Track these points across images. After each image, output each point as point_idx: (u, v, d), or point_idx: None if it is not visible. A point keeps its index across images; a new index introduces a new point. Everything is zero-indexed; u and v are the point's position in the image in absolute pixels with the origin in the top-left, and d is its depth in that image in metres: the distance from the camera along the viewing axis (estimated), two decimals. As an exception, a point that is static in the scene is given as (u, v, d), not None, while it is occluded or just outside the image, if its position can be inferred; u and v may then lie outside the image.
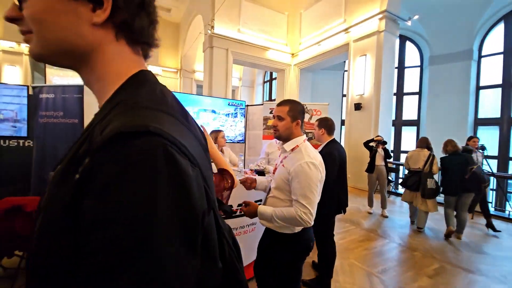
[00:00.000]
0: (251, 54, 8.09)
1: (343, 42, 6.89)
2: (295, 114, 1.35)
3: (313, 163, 1.25)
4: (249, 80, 12.47)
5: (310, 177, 1.23)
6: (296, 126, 1.36)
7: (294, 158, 1.30)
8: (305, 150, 1.31)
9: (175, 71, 11.50)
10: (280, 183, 1.34)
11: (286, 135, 1.37)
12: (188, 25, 9.57)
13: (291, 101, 1.40)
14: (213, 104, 3.74)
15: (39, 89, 2.72)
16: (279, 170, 1.39)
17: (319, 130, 2.20)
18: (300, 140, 1.36)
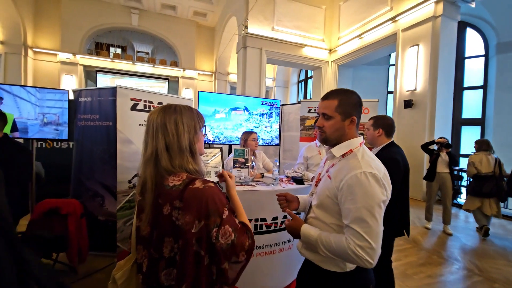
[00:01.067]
0: (285, 52, 7.77)
1: (390, 32, 6.17)
2: (348, 109, 1.00)
3: (374, 174, 0.89)
4: (283, 80, 12.13)
5: (371, 194, 0.87)
6: (350, 125, 1.01)
7: (346, 167, 0.95)
8: (363, 157, 0.96)
9: (210, 74, 11.70)
10: (324, 200, 1.00)
11: (335, 137, 1.03)
12: (223, 28, 9.63)
13: (342, 92, 1.04)
14: (245, 103, 3.51)
15: (78, 93, 2.78)
16: (323, 183, 1.05)
17: (375, 131, 1.79)
18: (355, 143, 1.01)
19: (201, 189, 0.75)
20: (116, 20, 10.14)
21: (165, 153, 0.81)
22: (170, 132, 0.81)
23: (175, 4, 9.91)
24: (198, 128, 0.88)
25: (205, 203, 0.74)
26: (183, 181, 0.77)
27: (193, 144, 0.85)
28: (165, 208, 0.76)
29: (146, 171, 0.82)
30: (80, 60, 9.69)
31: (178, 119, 0.83)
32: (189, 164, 0.82)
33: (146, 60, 10.94)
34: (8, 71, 8.40)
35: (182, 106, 0.88)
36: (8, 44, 8.36)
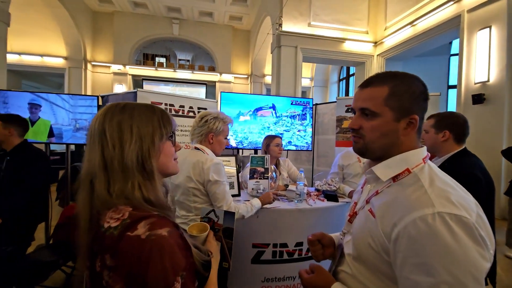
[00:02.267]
0: (323, 49, 7.21)
1: (451, 15, 5.19)
2: (406, 103, 0.62)
3: (462, 218, 0.50)
4: (322, 80, 11.44)
5: (460, 258, 0.48)
6: (408, 128, 0.63)
7: (401, 200, 0.57)
8: (432, 183, 0.57)
9: (246, 77, 11.68)
10: (365, 252, 0.63)
11: (380, 147, 0.65)
12: (258, 29, 9.49)
13: (395, 76, 0.65)
14: (272, 102, 3.15)
15: (106, 98, 2.83)
16: (363, 221, 0.67)
17: (438, 134, 1.31)
18: (414, 157, 0.62)
19: (142, 241, 0.47)
20: (160, 31, 10.82)
21: (101, 173, 0.54)
22: (110, 142, 0.55)
23: (212, 10, 10.14)
24: (159, 136, 0.60)
25: (144, 267, 0.45)
26: (122, 223, 0.50)
27: (147, 159, 0.56)
28: (97, 263, 0.50)
29: (79, 201, 0.56)
30: (129, 70, 10.57)
31: (124, 122, 0.56)
32: (135, 191, 0.54)
33: (186, 67, 11.43)
34: (72, 83, 9.57)
35: (138, 105, 0.61)
36: (71, 59, 9.52)
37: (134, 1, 9.68)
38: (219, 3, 9.57)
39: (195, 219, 1.30)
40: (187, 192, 1.32)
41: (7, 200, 1.61)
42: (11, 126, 1.73)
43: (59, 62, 9.47)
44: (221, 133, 1.42)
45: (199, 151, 1.35)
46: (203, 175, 1.28)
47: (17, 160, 1.73)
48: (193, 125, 1.42)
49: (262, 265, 1.50)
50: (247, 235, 1.46)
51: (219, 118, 1.40)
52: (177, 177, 1.35)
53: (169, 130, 0.63)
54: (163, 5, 9.83)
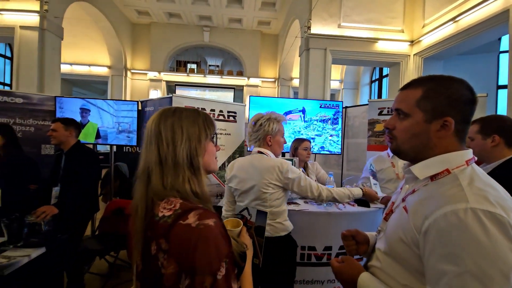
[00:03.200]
0: (354, 50, 7.00)
1: (498, 9, 4.73)
2: (439, 106, 0.61)
3: (496, 216, 0.48)
4: (352, 82, 11.07)
5: (489, 251, 0.47)
6: (441, 131, 0.62)
7: (436, 196, 0.57)
8: (471, 183, 0.55)
9: (273, 81, 11.75)
10: (396, 246, 0.63)
11: (411, 148, 0.65)
12: (286, 33, 9.52)
13: (433, 79, 0.65)
14: (302, 105, 3.12)
15: (144, 103, 3.06)
16: (397, 218, 0.67)
17: (487, 139, 1.21)
18: (456, 159, 0.61)
19: (192, 228, 0.53)
20: (192, 39, 11.39)
21: (157, 168, 0.62)
22: (164, 141, 0.63)
23: (240, 17, 10.42)
24: (204, 136, 0.67)
25: (192, 252, 0.51)
26: (174, 212, 0.57)
27: (195, 156, 0.64)
28: (152, 246, 0.57)
29: (137, 192, 0.64)
30: (163, 76, 11.27)
31: (176, 123, 0.65)
32: (185, 184, 0.61)
33: (215, 72, 11.86)
34: (114, 89, 10.46)
35: (185, 109, 0.69)
36: (113, 68, 10.42)
37: (169, 12, 10.32)
38: (248, 9, 9.80)
39: (270, 224, 1.29)
40: (263, 197, 1.31)
41: (67, 193, 1.83)
42: (71, 128, 1.96)
43: (103, 71, 10.43)
44: (278, 133, 1.42)
45: (263, 155, 1.36)
46: (281, 178, 1.29)
47: (74, 159, 1.96)
48: (248, 131, 1.45)
49: (290, 267, 1.51)
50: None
51: (272, 118, 1.41)
52: (246, 182, 1.35)
53: (212, 131, 0.70)
54: (195, 14, 10.34)
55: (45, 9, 6.26)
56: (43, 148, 2.99)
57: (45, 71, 6.42)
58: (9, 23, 6.17)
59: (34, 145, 2.90)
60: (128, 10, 10.13)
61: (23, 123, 2.85)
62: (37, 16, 6.20)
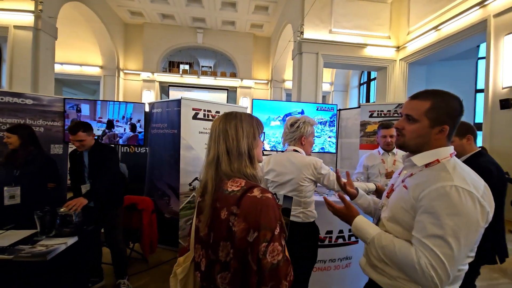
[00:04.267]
0: (344, 55, 7.35)
1: (477, 19, 5.17)
2: (441, 116, 0.85)
3: (471, 193, 0.74)
4: (342, 84, 11.48)
5: (462, 213, 0.72)
6: (439, 134, 0.86)
7: (430, 177, 0.81)
8: (454, 169, 0.80)
9: (266, 82, 11.99)
10: (398, 213, 0.87)
11: (415, 144, 0.89)
12: (278, 36, 9.78)
13: (438, 94, 0.88)
14: (302, 108, 3.37)
15: (152, 105, 3.21)
16: (398, 193, 0.92)
17: (463, 139, 1.52)
18: (443, 152, 0.86)
19: (258, 199, 0.74)
20: (185, 40, 11.45)
21: (225, 156, 0.83)
22: (230, 137, 0.84)
23: (234, 19, 10.60)
24: (257, 134, 0.89)
25: (258, 214, 0.72)
26: (242, 188, 0.78)
27: (251, 149, 0.86)
28: (222, 213, 0.77)
29: (207, 173, 0.85)
30: (156, 77, 11.27)
31: (238, 124, 0.86)
32: (247, 169, 0.83)
33: (209, 74, 11.97)
34: (106, 89, 10.38)
35: (243, 113, 0.91)
36: (106, 68, 10.35)
37: (162, 13, 10.37)
38: (241, 12, 10.01)
39: (303, 212, 1.53)
40: (299, 189, 1.52)
41: (93, 187, 1.97)
42: (91, 132, 2.08)
43: (95, 71, 10.33)
44: (310, 135, 1.62)
45: (299, 153, 1.57)
46: (315, 173, 1.51)
47: (97, 155, 2.07)
48: (284, 130, 1.64)
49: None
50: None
51: (306, 122, 1.60)
52: (284, 176, 1.55)
53: (261, 131, 0.93)
54: (189, 16, 10.44)
55: (39, 9, 6.23)
56: (52, 148, 3.08)
57: (39, 71, 6.38)
58: (2, 23, 6.09)
59: (44, 145, 2.97)
60: (121, 10, 10.10)
61: (33, 124, 2.94)
62: (32, 16, 6.16)
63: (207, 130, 2.98)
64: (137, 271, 2.51)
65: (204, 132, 2.94)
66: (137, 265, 2.63)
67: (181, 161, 2.77)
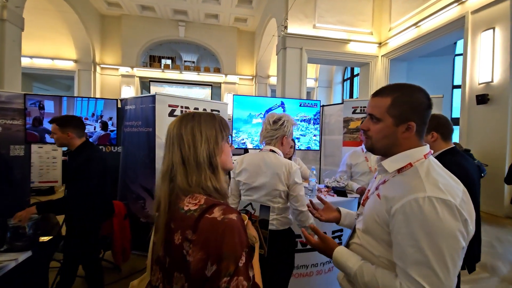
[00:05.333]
0: (328, 50, 7.33)
1: (455, 16, 5.27)
2: (404, 112, 0.76)
3: (446, 201, 0.64)
4: (326, 80, 11.53)
5: (441, 232, 0.63)
6: (406, 133, 0.77)
7: (402, 186, 0.73)
8: (428, 174, 0.72)
9: (250, 78, 11.82)
10: (372, 225, 0.79)
11: (383, 146, 0.81)
12: (263, 31, 9.62)
13: (399, 88, 0.79)
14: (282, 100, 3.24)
15: (125, 101, 2.99)
16: (372, 203, 0.83)
17: (427, 136, 1.44)
18: (416, 154, 0.77)
19: (219, 221, 0.60)
20: (166, 34, 11.03)
21: (181, 167, 0.69)
22: (186, 143, 0.70)
23: (217, 12, 10.31)
24: (220, 138, 0.75)
25: (219, 241, 0.58)
26: (200, 207, 0.63)
27: (213, 156, 0.71)
28: (176, 236, 0.63)
29: (161, 188, 0.70)
30: (136, 72, 10.80)
31: (196, 127, 0.72)
32: (208, 181, 0.69)
33: (192, 69, 11.62)
34: (82, 85, 9.81)
35: (203, 114, 0.77)
36: (80, 62, 9.77)
37: (142, 4, 9.89)
38: (224, 5, 9.74)
39: (277, 218, 1.36)
40: (273, 194, 1.36)
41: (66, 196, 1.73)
42: (68, 129, 1.76)
43: (69, 65, 9.72)
44: (290, 135, 1.51)
45: (276, 154, 1.43)
46: (290, 178, 1.36)
47: (76, 159, 1.79)
48: (265, 127, 1.47)
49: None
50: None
51: (289, 121, 1.48)
52: (257, 178, 1.40)
53: (227, 133, 0.78)
54: (170, 8, 10.03)
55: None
56: (12, 149, 2.80)
57: (4, 65, 5.87)
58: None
59: (3, 146, 2.70)
60: (97, 0, 9.53)
61: (-11, 123, 2.65)
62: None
63: (184, 128, 2.82)
64: (109, 282, 2.33)
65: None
66: (108, 274, 2.45)
67: (157, 161, 2.60)
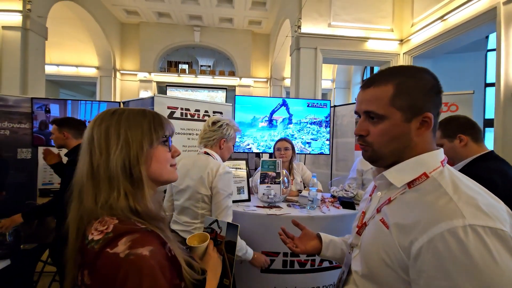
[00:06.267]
0: (344, 49, 7.00)
1: (486, 7, 4.78)
2: (416, 100, 0.55)
3: (497, 231, 0.42)
4: (344, 81, 11.10)
5: (494, 282, 0.40)
6: (421, 128, 0.55)
7: (421, 208, 0.50)
8: (456, 189, 0.49)
9: (265, 81, 11.69)
10: (378, 269, 0.55)
11: (392, 152, 0.58)
12: (277, 32, 9.48)
13: (398, 71, 0.58)
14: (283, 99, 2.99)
15: (127, 104, 2.96)
16: (374, 233, 0.60)
17: (453, 141, 1.18)
18: (431, 160, 0.55)
19: (121, 260, 0.43)
20: (182, 39, 11.25)
21: (88, 181, 0.52)
22: (97, 149, 0.53)
23: (231, 16, 10.33)
24: (148, 140, 0.57)
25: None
26: (104, 236, 0.46)
27: (135, 165, 0.53)
28: (79, 276, 0.47)
29: (70, 210, 0.54)
30: (153, 77, 11.09)
31: (112, 127, 0.54)
32: (121, 199, 0.50)
33: (207, 73, 11.74)
34: (103, 90, 10.23)
35: (128, 110, 0.59)
36: (102, 69, 10.21)
37: (159, 11, 10.16)
38: (238, 9, 9.73)
39: (201, 227, 1.27)
40: (196, 198, 1.29)
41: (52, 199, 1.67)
42: (64, 130, 1.76)
43: (91, 72, 10.20)
44: (231, 140, 1.43)
45: (209, 156, 1.35)
46: (215, 182, 1.26)
47: (67, 162, 1.77)
48: (204, 129, 1.42)
49: (272, 274, 1.44)
50: (256, 241, 1.41)
51: (230, 125, 1.41)
52: (184, 181, 1.33)
53: (161, 135, 0.60)
54: (185, 14, 10.21)
55: (28, 8, 6.06)
56: (19, 152, 2.85)
57: (28, 72, 6.21)
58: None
59: (10, 149, 2.76)
60: (116, 9, 9.93)
61: (-3, 126, 2.72)
62: (20, 16, 6.00)
63: (185, 131, 2.71)
64: None
65: (182, 133, 2.67)
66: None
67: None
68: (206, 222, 0.87)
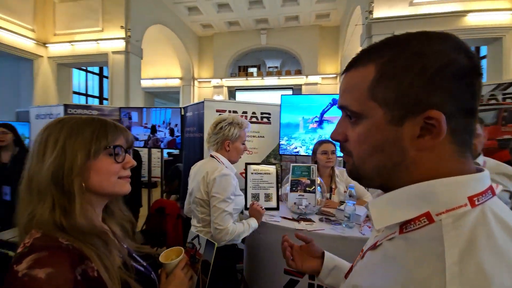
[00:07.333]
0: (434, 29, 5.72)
1: None
2: (408, 90, 0.32)
3: None
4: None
5: None
6: (426, 136, 0.32)
7: (390, 272, 0.31)
8: (469, 251, 0.26)
9: (334, 76, 10.90)
10: None
11: (372, 170, 0.38)
12: (347, 22, 8.68)
13: (390, 43, 0.35)
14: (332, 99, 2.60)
15: (185, 109, 3.24)
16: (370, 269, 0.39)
17: None
18: (447, 192, 0.31)
19: (17, 279, 0.40)
20: (249, 43, 11.73)
21: (24, 192, 0.51)
22: (35, 157, 0.52)
23: (297, 13, 10.08)
24: (84, 151, 0.53)
25: None
26: (21, 251, 0.45)
27: (67, 176, 0.50)
28: None
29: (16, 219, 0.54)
30: (224, 82, 12.00)
31: (51, 135, 0.52)
32: (46, 212, 0.48)
33: (274, 74, 11.86)
34: (184, 97, 11.77)
35: (77, 117, 0.57)
36: (184, 79, 11.74)
37: (229, 21, 10.91)
38: (303, 4, 9.40)
39: (204, 231, 1.26)
40: (196, 202, 1.31)
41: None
42: None
43: (176, 82, 11.88)
44: (238, 139, 1.34)
45: (214, 160, 1.32)
46: (209, 186, 1.23)
47: None
48: (208, 132, 1.40)
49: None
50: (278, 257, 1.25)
51: (234, 123, 1.33)
52: (190, 185, 1.37)
53: (104, 145, 0.56)
54: (252, 19, 10.60)
55: (128, 35, 7.56)
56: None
57: (130, 87, 7.74)
58: (104, 50, 7.71)
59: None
60: (195, 25, 11.21)
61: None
62: (123, 42, 7.55)
63: (233, 133, 2.76)
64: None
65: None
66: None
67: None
68: (190, 236, 0.81)
